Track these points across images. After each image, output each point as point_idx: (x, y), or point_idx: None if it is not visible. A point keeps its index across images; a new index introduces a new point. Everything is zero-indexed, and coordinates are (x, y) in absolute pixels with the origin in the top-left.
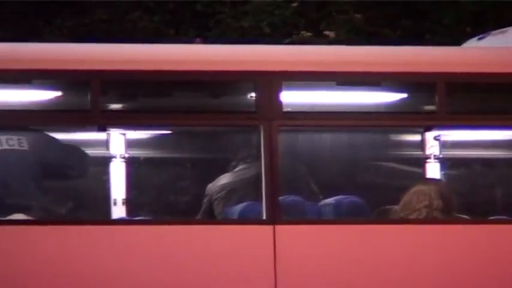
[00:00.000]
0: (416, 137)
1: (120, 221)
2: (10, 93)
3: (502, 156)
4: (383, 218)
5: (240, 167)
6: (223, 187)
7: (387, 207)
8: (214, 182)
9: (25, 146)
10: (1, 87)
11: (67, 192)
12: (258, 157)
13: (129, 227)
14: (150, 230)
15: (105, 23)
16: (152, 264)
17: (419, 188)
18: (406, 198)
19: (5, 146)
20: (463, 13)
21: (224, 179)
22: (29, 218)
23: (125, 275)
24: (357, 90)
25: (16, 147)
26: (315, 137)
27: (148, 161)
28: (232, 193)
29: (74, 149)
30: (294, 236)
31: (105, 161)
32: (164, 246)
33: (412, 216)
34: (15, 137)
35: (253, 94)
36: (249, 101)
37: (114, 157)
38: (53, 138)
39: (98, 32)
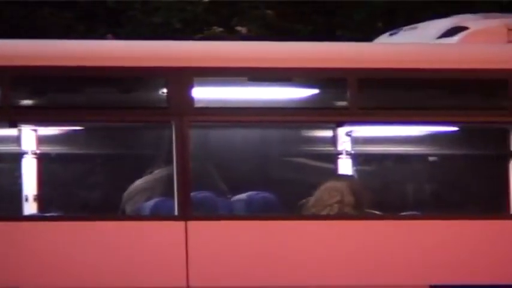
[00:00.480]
0: (328, 133)
1: (31, 217)
2: None
3: (414, 152)
4: (295, 214)
5: (155, 170)
6: (135, 188)
7: (303, 201)
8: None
9: None
10: None
11: None
12: (171, 154)
13: (41, 223)
14: (61, 226)
15: (16, 18)
16: (65, 260)
17: (331, 184)
18: (318, 194)
19: None
20: (374, 9)
21: (137, 182)
22: None
23: (38, 271)
24: (269, 86)
25: None
26: (228, 132)
27: (60, 157)
28: (144, 192)
29: None
30: (205, 231)
31: (17, 157)
32: (76, 242)
33: (323, 212)
34: None
35: (165, 90)
36: (161, 97)
37: (26, 153)
38: None
39: (9, 28)
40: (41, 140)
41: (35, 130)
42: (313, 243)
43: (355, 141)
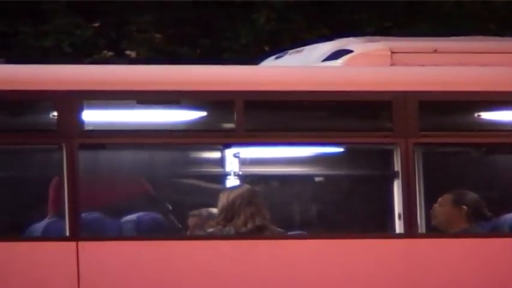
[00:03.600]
0: (217, 154)
1: None
2: None
3: (301, 173)
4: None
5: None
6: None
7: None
8: None
9: None
10: None
11: None
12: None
13: None
14: None
15: None
16: None
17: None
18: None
19: None
20: (260, 32)
21: None
22: None
23: None
24: (158, 108)
25: None
26: (118, 154)
27: None
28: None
29: None
30: (96, 252)
31: None
32: None
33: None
34: None
35: (54, 113)
36: (50, 120)
37: None
38: None
39: None
40: None
41: None
42: (203, 262)
43: (243, 162)
